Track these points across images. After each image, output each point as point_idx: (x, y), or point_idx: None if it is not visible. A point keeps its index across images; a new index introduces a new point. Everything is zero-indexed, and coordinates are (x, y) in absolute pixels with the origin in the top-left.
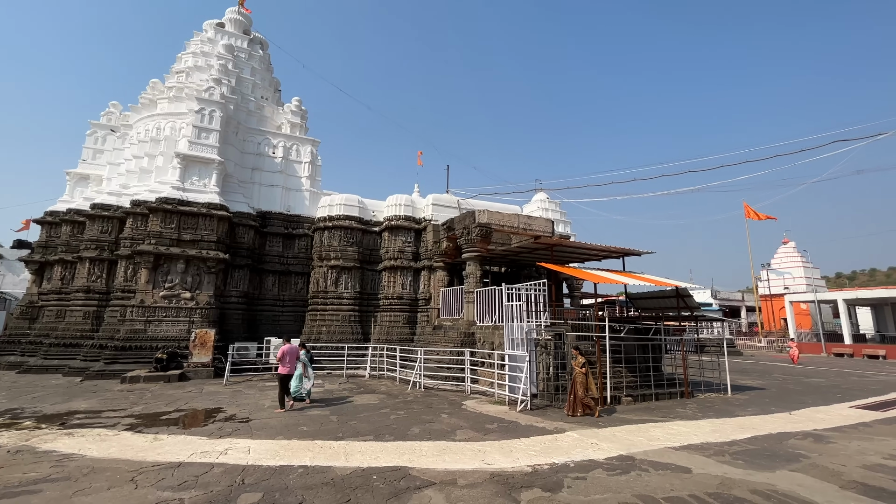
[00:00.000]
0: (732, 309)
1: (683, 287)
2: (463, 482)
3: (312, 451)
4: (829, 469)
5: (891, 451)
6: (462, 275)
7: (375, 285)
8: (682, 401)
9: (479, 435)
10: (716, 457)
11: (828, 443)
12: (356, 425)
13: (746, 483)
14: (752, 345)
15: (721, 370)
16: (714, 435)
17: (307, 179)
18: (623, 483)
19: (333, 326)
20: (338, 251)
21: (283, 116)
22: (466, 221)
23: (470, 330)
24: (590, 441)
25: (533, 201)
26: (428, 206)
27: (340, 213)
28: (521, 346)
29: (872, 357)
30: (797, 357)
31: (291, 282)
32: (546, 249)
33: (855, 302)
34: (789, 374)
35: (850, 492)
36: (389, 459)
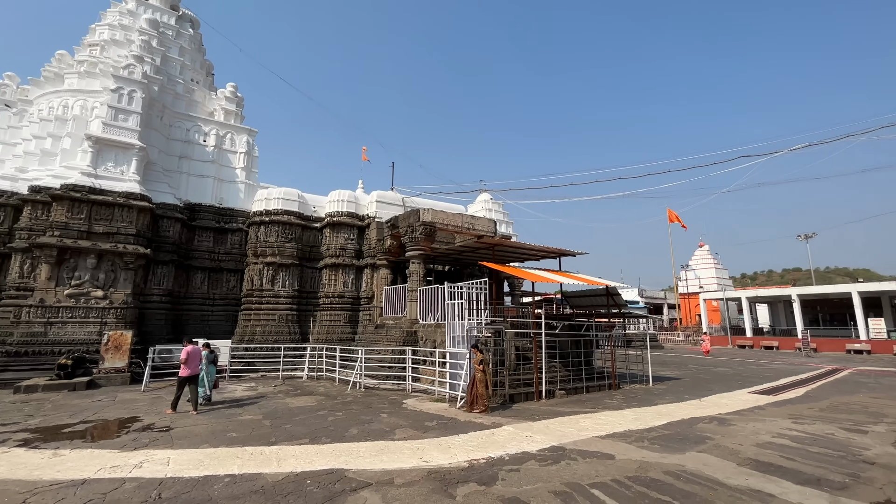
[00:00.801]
0: (656, 306)
1: (613, 286)
2: (400, 481)
3: (241, 459)
4: (729, 449)
5: (779, 430)
6: (405, 273)
7: (315, 283)
8: (610, 392)
9: (419, 433)
10: (636, 443)
11: (729, 425)
12: (291, 429)
13: (661, 465)
14: (672, 339)
15: (644, 363)
16: (636, 423)
17: (242, 171)
18: (553, 472)
19: (269, 326)
20: (275, 247)
21: (217, 102)
22: (411, 220)
23: (412, 328)
24: (524, 434)
25: (477, 201)
26: (372, 202)
27: (279, 208)
28: (463, 343)
29: (768, 348)
30: (709, 349)
31: (223, 279)
32: (488, 249)
33: (755, 299)
34: (701, 365)
35: (745, 468)
36: (325, 462)
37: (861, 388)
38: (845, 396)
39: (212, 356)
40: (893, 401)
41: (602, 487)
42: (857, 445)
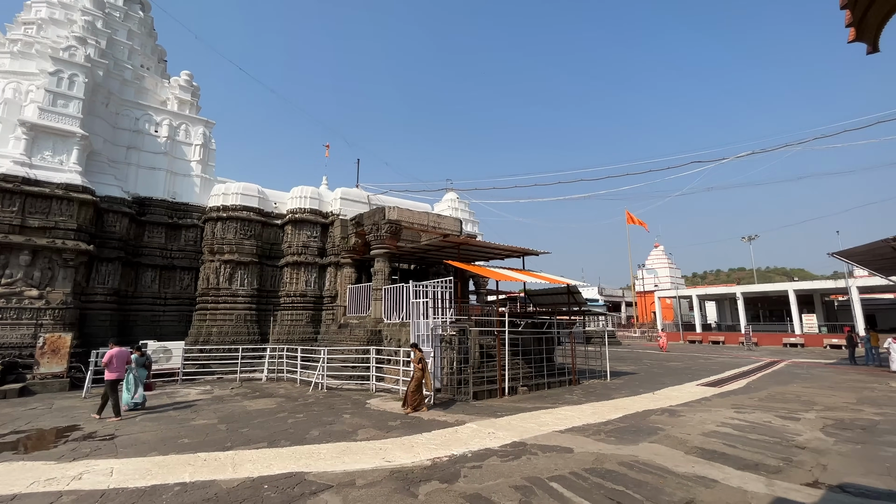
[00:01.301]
0: (615, 304)
1: (574, 285)
2: (362, 482)
3: (194, 466)
4: (678, 438)
5: (723, 419)
6: (370, 272)
7: (276, 282)
8: (570, 388)
9: (382, 433)
10: (594, 436)
11: (679, 416)
12: (248, 432)
13: (616, 457)
14: (630, 335)
15: (603, 359)
16: (594, 417)
17: (198, 164)
18: (514, 467)
19: (226, 326)
20: (233, 244)
21: (170, 91)
22: (376, 217)
23: (377, 328)
24: (487, 431)
25: (444, 200)
26: (336, 199)
27: (237, 203)
28: (427, 342)
29: (715, 342)
30: (665, 345)
31: (176, 278)
32: (454, 248)
33: (705, 297)
34: (655, 360)
35: (692, 456)
36: (284, 466)
37: (795, 379)
38: (781, 387)
39: (143, 359)
40: (822, 390)
41: (560, 480)
42: (790, 432)
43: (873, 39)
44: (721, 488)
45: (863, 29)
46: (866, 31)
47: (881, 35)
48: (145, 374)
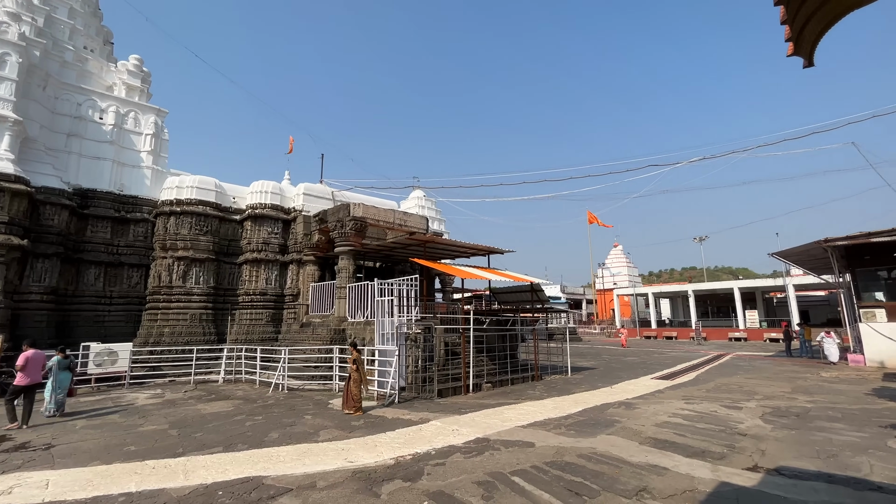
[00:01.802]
0: (576, 301)
1: (537, 283)
2: (323, 484)
3: (141, 474)
4: (633, 430)
5: (674, 410)
6: (334, 269)
7: (234, 280)
8: (532, 383)
9: (345, 433)
10: (554, 430)
11: (634, 409)
12: (202, 437)
13: (575, 449)
14: (590, 332)
15: (564, 354)
16: (555, 411)
17: (149, 155)
18: (478, 463)
19: (180, 327)
20: (188, 240)
21: (117, 76)
22: (341, 214)
23: (341, 326)
24: (451, 428)
25: (410, 198)
26: (299, 195)
27: (192, 197)
28: (392, 340)
29: (669, 338)
30: (626, 341)
31: (124, 275)
32: (420, 246)
33: (659, 295)
34: (613, 355)
35: (645, 446)
36: (240, 471)
37: (739, 371)
38: (726, 378)
39: (66, 362)
40: (762, 380)
41: (522, 474)
42: (733, 420)
43: (809, 54)
44: (671, 475)
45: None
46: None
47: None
48: (69, 378)
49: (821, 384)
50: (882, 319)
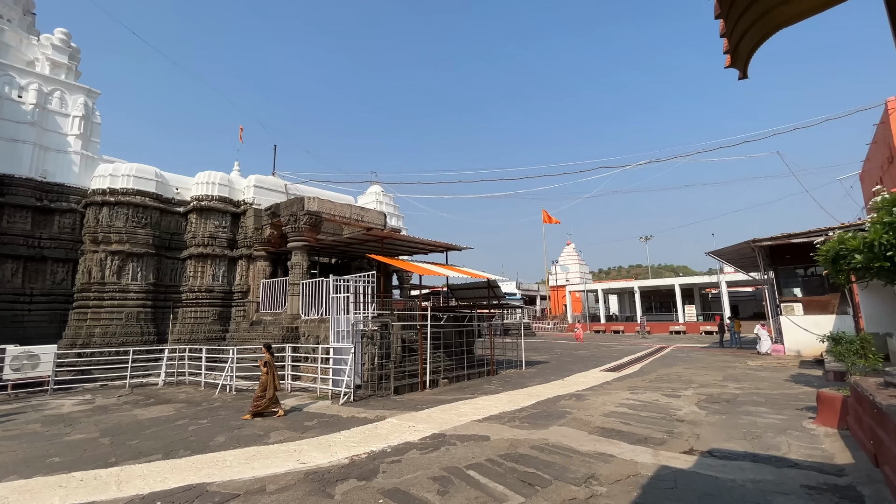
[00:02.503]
0: (531, 297)
1: (494, 279)
2: (273, 487)
3: (67, 488)
4: (582, 420)
5: (620, 400)
6: (287, 265)
7: (177, 276)
8: (488, 378)
9: (297, 434)
10: (509, 423)
11: (584, 400)
12: (139, 444)
13: (529, 441)
14: (543, 327)
15: (519, 349)
16: (510, 405)
17: (77, 139)
18: (433, 459)
19: (114, 326)
20: (123, 233)
21: (40, 50)
22: (294, 208)
23: (294, 324)
24: (408, 424)
25: (368, 193)
26: (249, 187)
27: (129, 187)
28: (348, 338)
29: (616, 332)
30: (581, 336)
31: (47, 271)
32: (377, 241)
33: (608, 291)
34: (565, 350)
35: (594, 435)
36: (182, 478)
37: (678, 362)
38: (667, 368)
39: None
40: (698, 370)
41: (477, 468)
42: (673, 407)
43: (743, 67)
44: (617, 462)
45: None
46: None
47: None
48: None
49: (748, 372)
50: (799, 313)
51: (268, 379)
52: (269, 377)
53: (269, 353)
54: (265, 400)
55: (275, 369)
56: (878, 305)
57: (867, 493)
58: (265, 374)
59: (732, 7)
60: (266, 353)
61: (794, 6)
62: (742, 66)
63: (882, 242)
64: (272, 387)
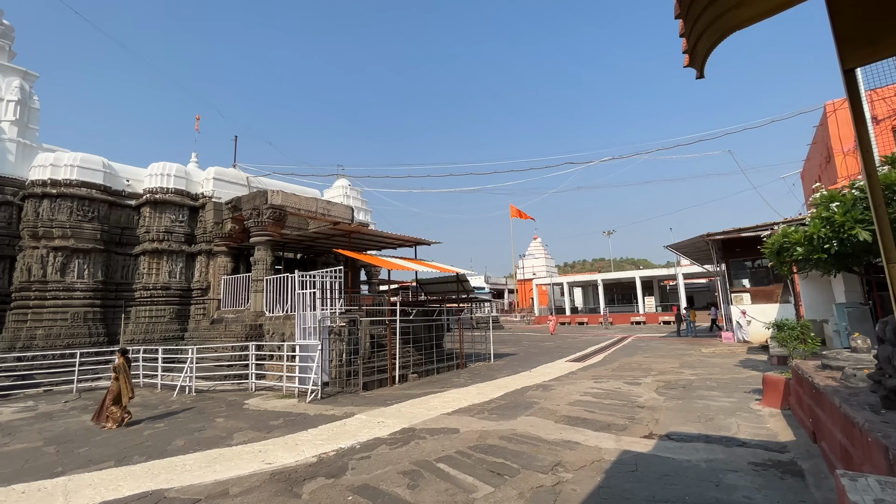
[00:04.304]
0: (499, 291)
1: (463, 273)
2: (237, 490)
3: (6, 501)
4: (549, 409)
5: (585, 389)
6: (249, 261)
7: (130, 273)
8: (458, 371)
9: (262, 434)
10: (478, 415)
11: (551, 390)
12: (88, 452)
13: (497, 432)
14: (511, 320)
15: (487, 342)
16: (478, 397)
17: (12, 125)
18: (403, 454)
19: (58, 328)
20: (67, 228)
21: None
22: (257, 202)
23: (257, 322)
24: (377, 420)
25: (334, 187)
26: (208, 180)
27: (73, 178)
28: (315, 334)
29: (581, 323)
30: (554, 329)
31: None
32: (344, 236)
33: (573, 284)
34: (533, 341)
35: (560, 424)
36: (137, 486)
37: (639, 351)
38: (628, 357)
39: None
40: (657, 358)
41: (447, 460)
42: (634, 395)
43: (700, 67)
44: (582, 449)
45: (693, 57)
46: (696, 59)
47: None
48: None
49: (702, 359)
50: (748, 302)
51: (117, 386)
52: (123, 383)
53: (122, 358)
54: (121, 408)
55: (128, 375)
56: (816, 294)
57: (806, 467)
58: (115, 379)
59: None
60: (120, 358)
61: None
62: (699, 65)
63: (820, 236)
64: (126, 393)
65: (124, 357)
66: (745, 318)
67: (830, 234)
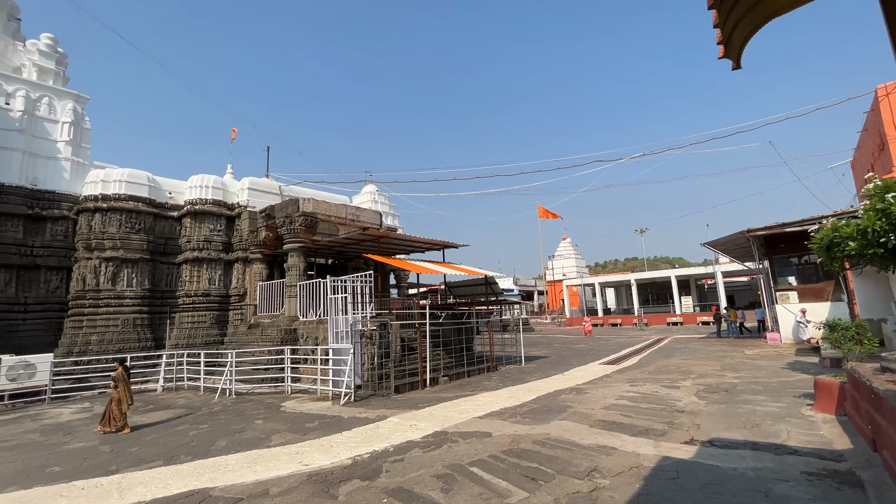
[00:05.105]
0: (528, 293)
1: (491, 276)
2: (276, 490)
3: (68, 497)
4: (583, 413)
5: (620, 393)
6: (283, 267)
7: (173, 281)
8: (488, 374)
9: (298, 436)
10: (510, 419)
11: (584, 393)
12: (139, 451)
13: (530, 436)
14: (542, 322)
15: (518, 345)
16: (510, 400)
17: (67, 145)
18: (436, 457)
19: (110, 333)
20: (117, 239)
21: (26, 56)
22: (289, 209)
23: (292, 326)
24: (409, 423)
25: (363, 192)
26: (243, 190)
27: (122, 192)
28: (347, 338)
29: (614, 325)
30: (589, 330)
31: (41, 279)
32: (374, 241)
33: (605, 284)
34: (564, 343)
35: (595, 428)
36: (184, 484)
37: (676, 353)
38: (666, 360)
39: None
40: (696, 361)
41: (480, 464)
42: (672, 399)
43: (737, 57)
44: (619, 454)
45: (729, 48)
46: (732, 50)
47: (743, 54)
48: None
49: (745, 361)
50: (795, 301)
51: (117, 395)
52: (122, 391)
53: (122, 368)
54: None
55: (127, 383)
56: (872, 292)
57: (866, 478)
58: (114, 388)
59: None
60: (119, 368)
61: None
62: (735, 56)
63: (875, 229)
64: (126, 401)
65: (123, 367)
66: (804, 317)
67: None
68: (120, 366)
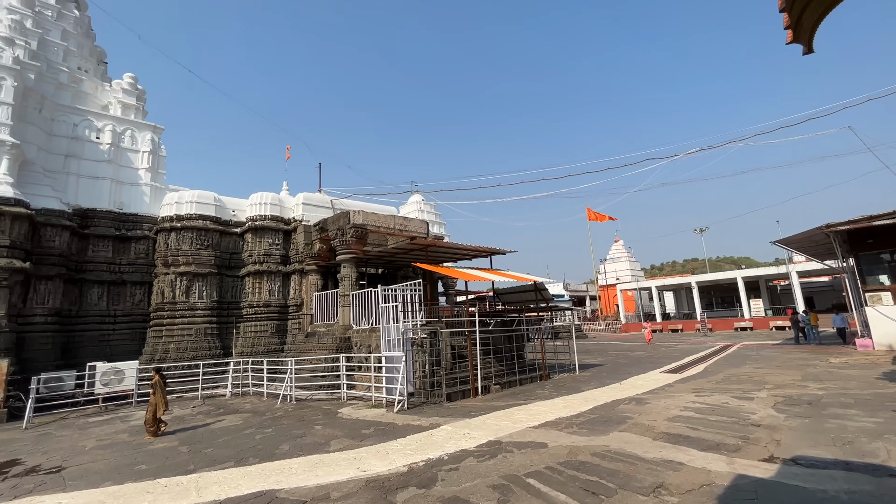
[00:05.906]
0: (580, 298)
1: (540, 281)
2: (337, 494)
3: (153, 493)
4: (645, 425)
5: (685, 404)
6: (337, 278)
7: (237, 293)
8: (541, 383)
9: (356, 442)
10: (566, 429)
11: (645, 404)
12: (213, 453)
13: (588, 448)
14: (595, 328)
15: (571, 352)
16: (565, 410)
17: (147, 172)
18: (491, 467)
19: (185, 342)
20: (189, 255)
21: (112, 95)
22: (341, 222)
23: (346, 334)
24: (462, 432)
25: (409, 202)
26: (298, 205)
27: (192, 212)
28: (398, 346)
29: (674, 330)
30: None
31: (127, 293)
32: (421, 250)
33: (663, 288)
34: (620, 351)
35: (659, 441)
36: (253, 485)
37: (747, 361)
38: (735, 369)
39: None
40: (772, 370)
41: (537, 476)
42: (745, 411)
43: (808, 41)
44: (687, 470)
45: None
46: (802, 34)
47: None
48: None
49: (830, 371)
50: (888, 302)
51: (155, 400)
52: (158, 398)
53: (158, 376)
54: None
55: (163, 391)
56: None
57: None
58: (153, 394)
59: None
60: (156, 375)
61: None
62: (806, 40)
63: None
64: (161, 406)
65: (159, 375)
66: None
67: None
68: (157, 374)
